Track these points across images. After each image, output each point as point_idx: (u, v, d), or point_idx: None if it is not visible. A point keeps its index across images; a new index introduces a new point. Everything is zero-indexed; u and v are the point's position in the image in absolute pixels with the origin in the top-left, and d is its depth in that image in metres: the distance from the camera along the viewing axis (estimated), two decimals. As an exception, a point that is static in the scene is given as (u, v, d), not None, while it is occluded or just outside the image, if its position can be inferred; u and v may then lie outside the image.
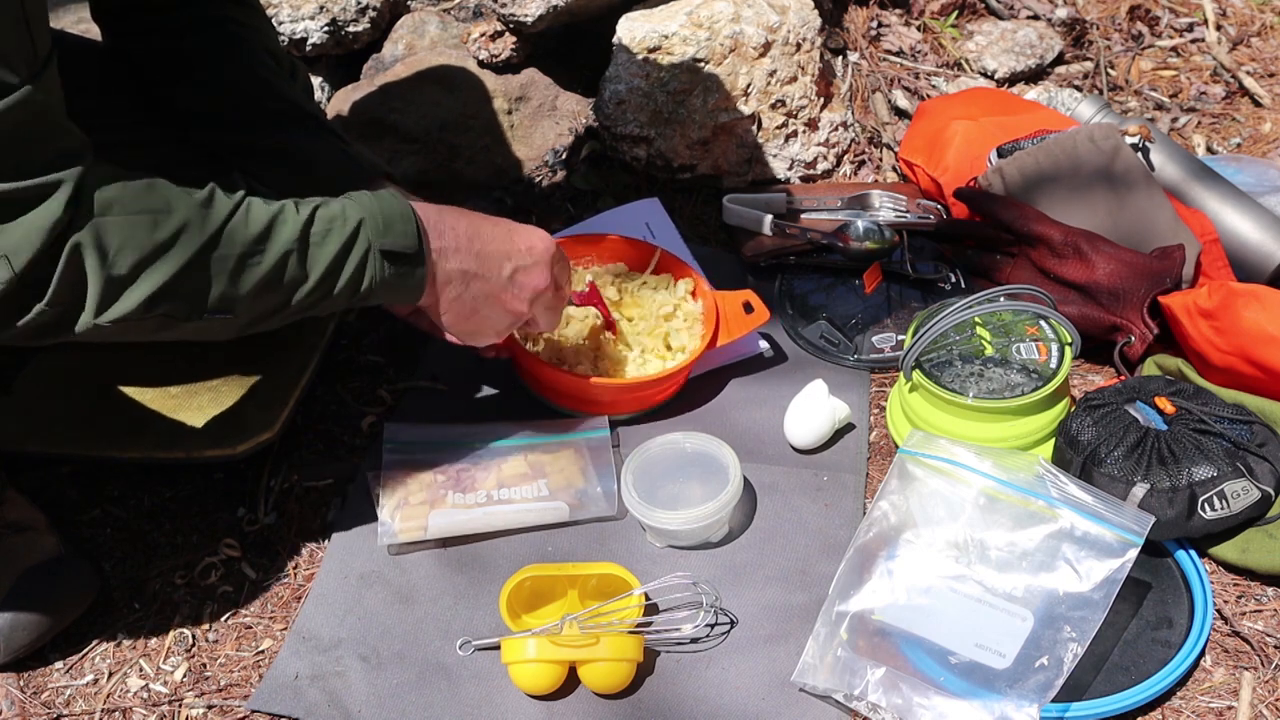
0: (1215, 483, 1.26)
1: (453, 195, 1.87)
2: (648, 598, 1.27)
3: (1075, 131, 1.64)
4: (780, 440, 1.47)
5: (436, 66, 1.88)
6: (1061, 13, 2.17)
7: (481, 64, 1.90)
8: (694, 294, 1.56)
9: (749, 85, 1.83)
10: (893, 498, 1.27)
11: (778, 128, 1.87)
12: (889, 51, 2.09)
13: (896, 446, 1.45)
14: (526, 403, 1.52)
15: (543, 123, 1.91)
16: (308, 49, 1.89)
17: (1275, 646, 1.24)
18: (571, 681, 1.21)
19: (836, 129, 1.92)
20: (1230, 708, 1.19)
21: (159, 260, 1.02)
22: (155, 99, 1.39)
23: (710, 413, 1.52)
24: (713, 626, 1.26)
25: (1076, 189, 1.61)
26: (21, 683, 1.24)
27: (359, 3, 1.89)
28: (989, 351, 1.45)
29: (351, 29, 1.90)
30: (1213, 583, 1.30)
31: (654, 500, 1.33)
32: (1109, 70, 2.11)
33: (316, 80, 1.92)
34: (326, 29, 1.88)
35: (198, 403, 1.43)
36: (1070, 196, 1.60)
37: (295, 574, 1.35)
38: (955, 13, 2.16)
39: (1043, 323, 1.47)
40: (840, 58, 2.04)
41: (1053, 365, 1.42)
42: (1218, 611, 1.27)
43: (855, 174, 1.93)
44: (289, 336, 1.48)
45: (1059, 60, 2.11)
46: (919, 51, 2.10)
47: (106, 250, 0.99)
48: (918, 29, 2.14)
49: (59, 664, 1.26)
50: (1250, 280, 1.58)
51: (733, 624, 1.27)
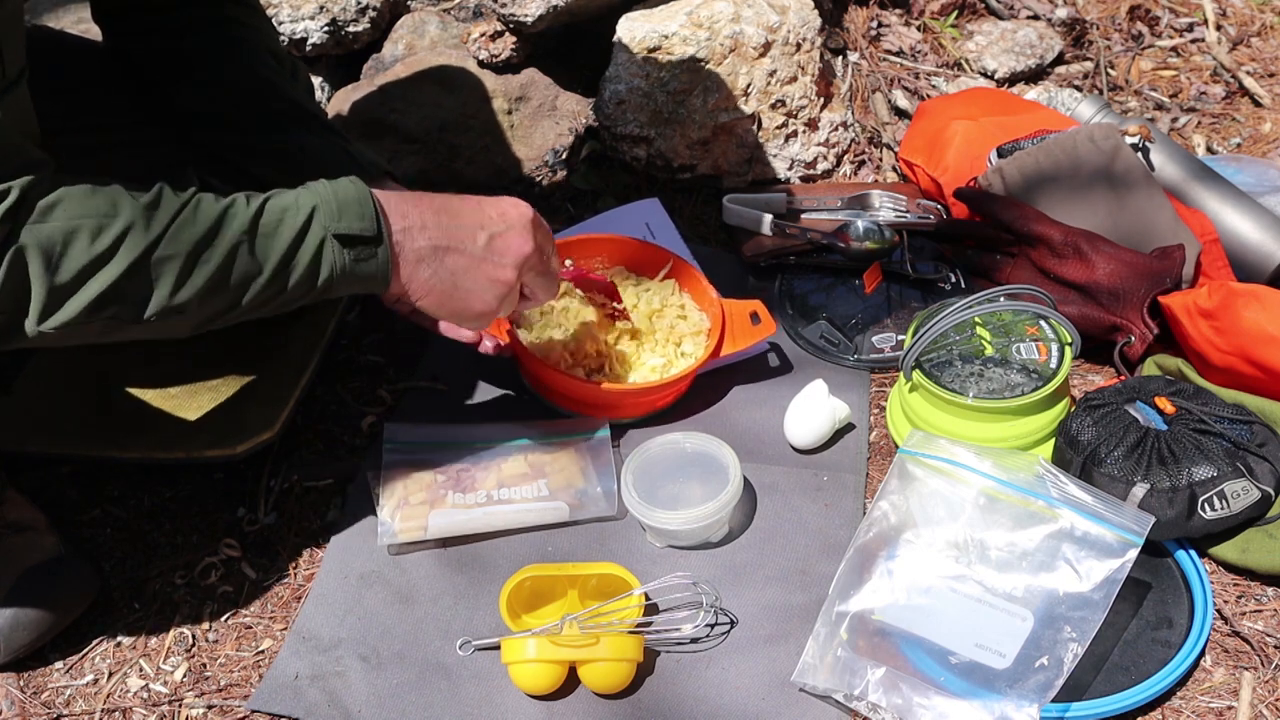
0: (1215, 483, 1.26)
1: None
2: (648, 598, 1.27)
3: (1075, 131, 1.64)
4: (780, 440, 1.47)
5: (436, 66, 1.88)
6: (1061, 13, 2.17)
7: (481, 64, 1.90)
8: (699, 303, 1.56)
9: (749, 85, 1.83)
10: (893, 498, 1.27)
11: (778, 128, 1.87)
12: (889, 51, 2.09)
13: (896, 446, 1.45)
14: (526, 403, 1.52)
15: (543, 123, 1.91)
16: (308, 49, 1.89)
17: (1275, 646, 1.24)
18: (571, 681, 1.21)
19: (836, 129, 1.92)
20: (1230, 708, 1.19)
21: (102, 265, 0.99)
22: (156, 99, 1.39)
23: (710, 413, 1.52)
24: (713, 626, 1.26)
25: (1076, 189, 1.60)
26: (21, 683, 1.24)
27: (359, 3, 1.89)
28: (989, 351, 1.45)
29: (351, 29, 1.90)
30: (1213, 583, 1.30)
31: (654, 500, 1.33)
32: (1109, 70, 2.11)
33: (316, 80, 1.92)
34: (326, 29, 1.88)
35: (198, 403, 1.43)
36: (1070, 196, 1.60)
37: (295, 574, 1.35)
38: (955, 13, 2.16)
39: (1043, 323, 1.47)
40: (840, 58, 2.04)
41: (1053, 365, 1.42)
42: (1218, 611, 1.27)
43: (855, 174, 1.93)
44: (289, 337, 1.48)
45: (1059, 60, 2.11)
46: (919, 51, 2.10)
47: (50, 256, 0.97)
48: (918, 29, 2.14)
49: (59, 664, 1.26)
50: (1250, 280, 1.58)
51: (733, 624, 1.27)
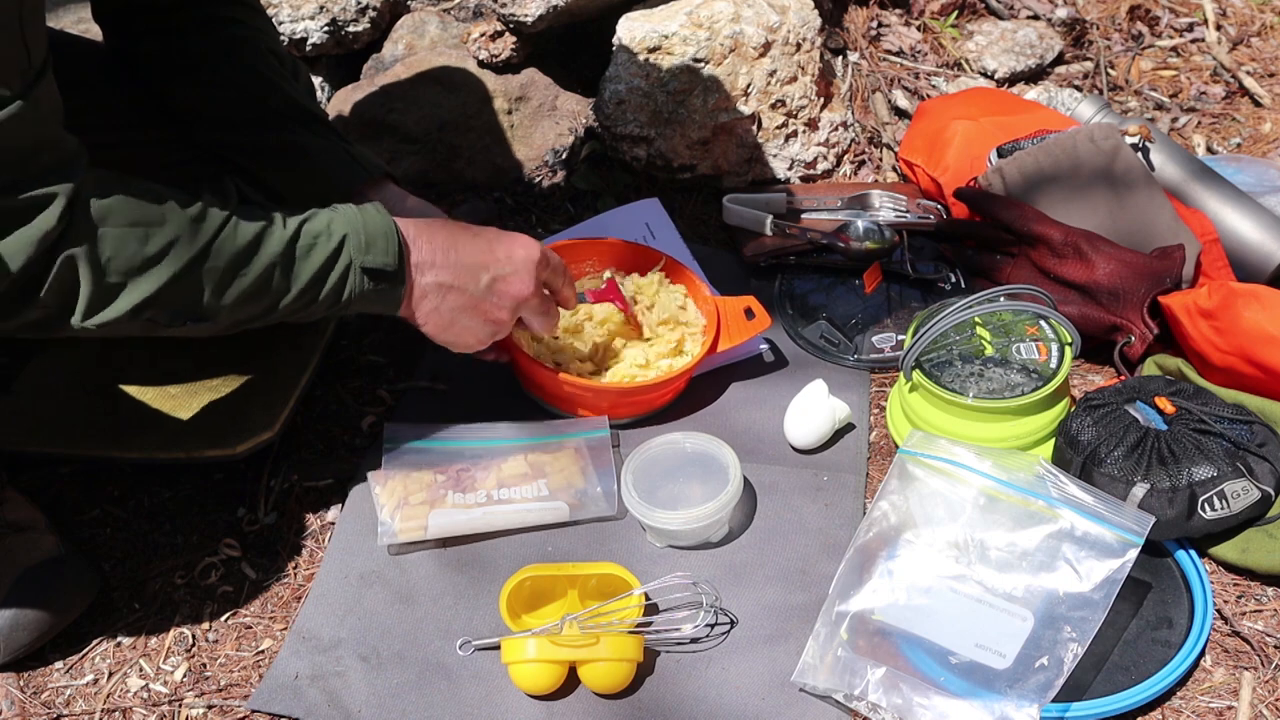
0: (1215, 483, 1.26)
1: (453, 195, 1.87)
2: (648, 598, 1.27)
3: (1075, 131, 1.64)
4: (780, 440, 1.47)
5: (436, 66, 1.88)
6: (1061, 13, 2.17)
7: (481, 64, 1.90)
8: (693, 301, 1.56)
9: (749, 85, 1.83)
10: (893, 498, 1.27)
11: (778, 128, 1.87)
12: (889, 51, 2.09)
13: (896, 446, 1.45)
14: (526, 403, 1.52)
15: (543, 123, 1.91)
16: (308, 49, 1.89)
17: (1275, 646, 1.24)
18: (571, 681, 1.21)
19: (836, 129, 1.92)
20: (1230, 708, 1.19)
21: (148, 271, 1.05)
22: (157, 99, 1.39)
23: (710, 413, 1.52)
24: (713, 626, 1.26)
25: (1076, 189, 1.60)
26: (21, 683, 1.24)
27: (359, 3, 1.89)
28: (989, 351, 1.45)
29: (351, 29, 1.91)
30: (1213, 583, 1.30)
31: (654, 500, 1.33)
32: (1109, 70, 2.11)
33: (316, 80, 1.92)
34: (326, 29, 1.88)
35: (198, 402, 1.43)
36: (1070, 196, 1.60)
37: (295, 574, 1.35)
38: (955, 13, 2.16)
39: (1043, 323, 1.47)
40: (840, 58, 2.04)
41: (1053, 365, 1.42)
42: (1218, 611, 1.27)
43: (855, 174, 1.93)
44: (289, 336, 1.48)
45: (1059, 60, 2.11)
46: (919, 51, 2.10)
47: (99, 260, 1.02)
48: (918, 29, 2.14)
49: (59, 664, 1.26)
50: (1250, 280, 1.58)
51: (733, 624, 1.27)
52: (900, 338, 1.59)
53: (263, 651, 1.27)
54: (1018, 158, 1.64)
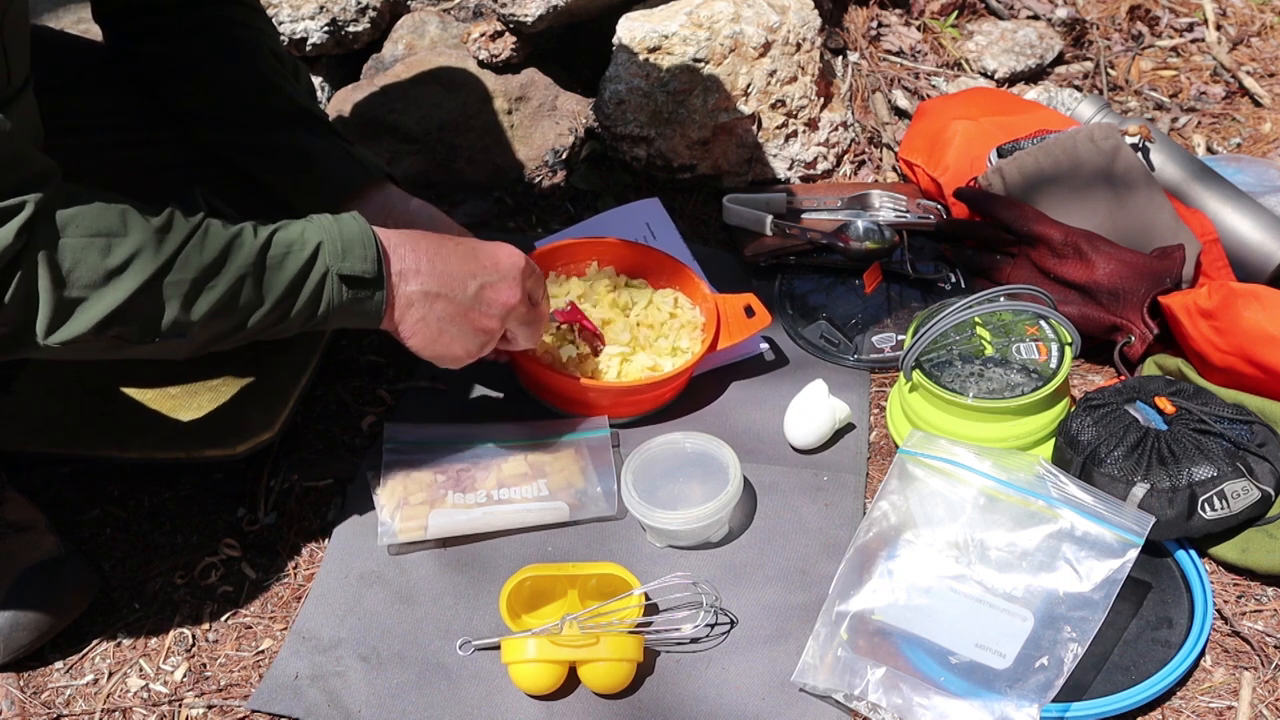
0: (1215, 483, 1.26)
1: (453, 195, 1.87)
2: (648, 598, 1.27)
3: (1075, 131, 1.64)
4: (780, 440, 1.47)
5: (436, 66, 1.88)
6: (1061, 13, 2.17)
7: (481, 64, 1.90)
8: (692, 299, 1.56)
9: (749, 85, 1.83)
10: (893, 498, 1.27)
11: (778, 128, 1.87)
12: (889, 51, 2.09)
13: (896, 446, 1.45)
14: (526, 403, 1.52)
15: (543, 123, 1.91)
16: (308, 49, 1.89)
17: (1275, 646, 1.24)
18: (571, 681, 1.21)
19: (836, 129, 1.92)
20: (1230, 708, 1.19)
21: (110, 284, 1.01)
22: (158, 99, 1.39)
23: (710, 413, 1.52)
24: (713, 626, 1.26)
25: (1076, 189, 1.60)
26: (21, 683, 1.24)
27: (359, 3, 1.89)
28: (989, 351, 1.45)
29: (351, 29, 1.90)
30: (1213, 583, 1.30)
31: (654, 500, 1.33)
32: (1109, 70, 2.11)
33: (316, 80, 1.92)
34: (326, 29, 1.88)
35: (198, 403, 1.43)
36: (1070, 196, 1.60)
37: (295, 574, 1.35)
38: (955, 13, 2.16)
39: (1043, 323, 1.47)
40: (840, 58, 2.04)
41: (1053, 365, 1.42)
42: (1218, 611, 1.27)
43: (855, 174, 1.93)
44: (289, 337, 1.48)
45: (1059, 60, 2.11)
46: (919, 51, 2.10)
47: (59, 272, 0.98)
48: (918, 29, 2.14)
49: (59, 664, 1.26)
50: (1250, 280, 1.58)
51: (733, 624, 1.27)
52: (900, 338, 1.59)
53: (263, 651, 1.27)
54: (1018, 158, 1.64)
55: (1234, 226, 1.62)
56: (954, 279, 1.68)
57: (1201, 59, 2.15)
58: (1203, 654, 1.23)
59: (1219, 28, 2.21)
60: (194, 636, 1.29)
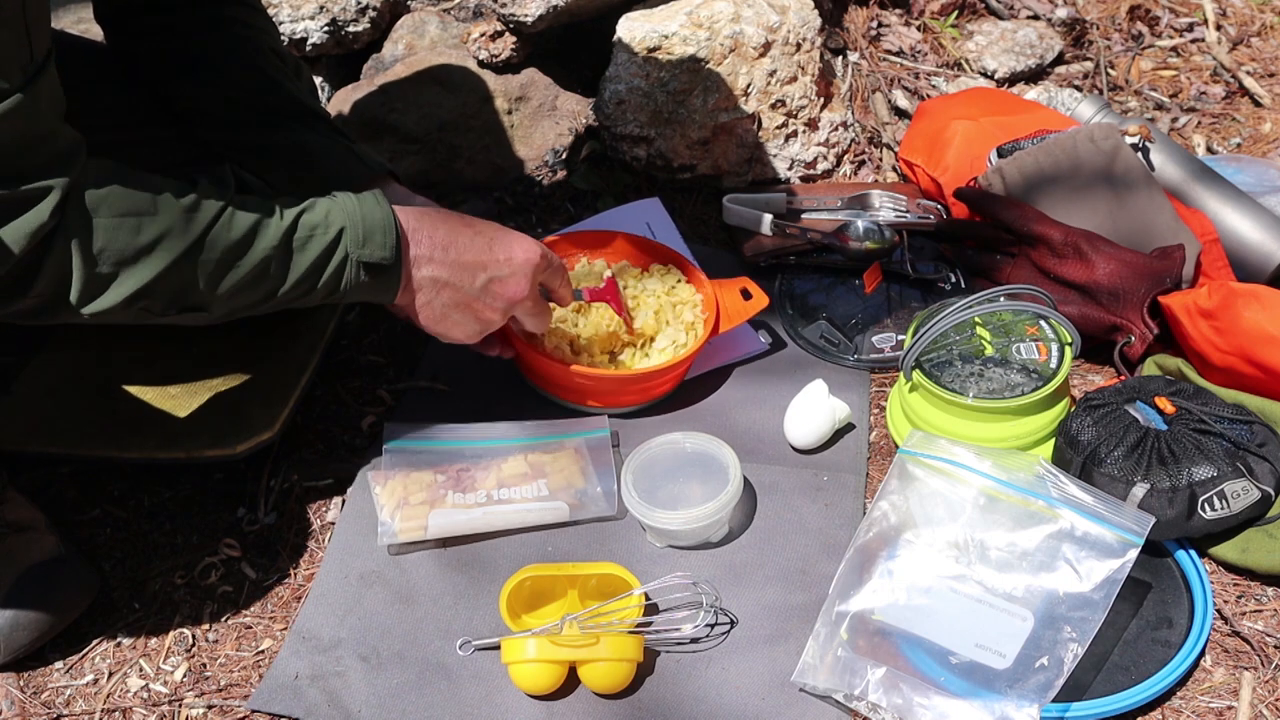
0: (1215, 483, 1.26)
1: (453, 195, 1.87)
2: (648, 598, 1.27)
3: (1075, 131, 1.64)
4: (780, 440, 1.47)
5: (436, 66, 1.88)
6: (1061, 13, 2.17)
7: (481, 64, 1.90)
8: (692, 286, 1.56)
9: (749, 85, 1.83)
10: (893, 498, 1.27)
11: (778, 128, 1.87)
12: (889, 51, 2.09)
13: (896, 446, 1.45)
14: (526, 403, 1.51)
15: (543, 123, 1.91)
16: (308, 49, 1.89)
17: (1275, 646, 1.24)
18: (571, 681, 1.21)
19: (836, 129, 1.92)
20: (1230, 708, 1.19)
21: (140, 262, 1.05)
22: (159, 98, 1.39)
23: (710, 412, 1.52)
24: (713, 626, 1.26)
25: (1076, 189, 1.60)
26: (21, 683, 1.24)
27: (359, 3, 1.89)
28: (989, 351, 1.45)
29: (351, 29, 1.90)
30: (1213, 583, 1.30)
31: (654, 500, 1.33)
32: (1109, 70, 2.11)
33: (317, 80, 1.92)
34: (326, 29, 1.88)
35: (198, 402, 1.43)
36: (1070, 196, 1.60)
37: (295, 574, 1.35)
38: (955, 13, 2.16)
39: (1043, 323, 1.47)
40: (840, 58, 2.04)
41: (1053, 365, 1.42)
42: (1218, 611, 1.27)
43: (855, 174, 1.93)
44: (289, 336, 1.48)
45: (1059, 60, 2.11)
46: (919, 51, 2.10)
47: (90, 250, 1.02)
48: (918, 29, 2.14)
49: (59, 664, 1.26)
50: (1250, 280, 1.58)
51: (733, 624, 1.27)
52: (900, 338, 1.59)
53: (263, 651, 1.27)
54: (1018, 158, 1.64)
55: (1234, 226, 1.62)
56: (954, 279, 1.68)
57: (1201, 59, 2.15)
58: (1203, 654, 1.23)
59: (1219, 28, 2.21)
60: (194, 636, 1.29)
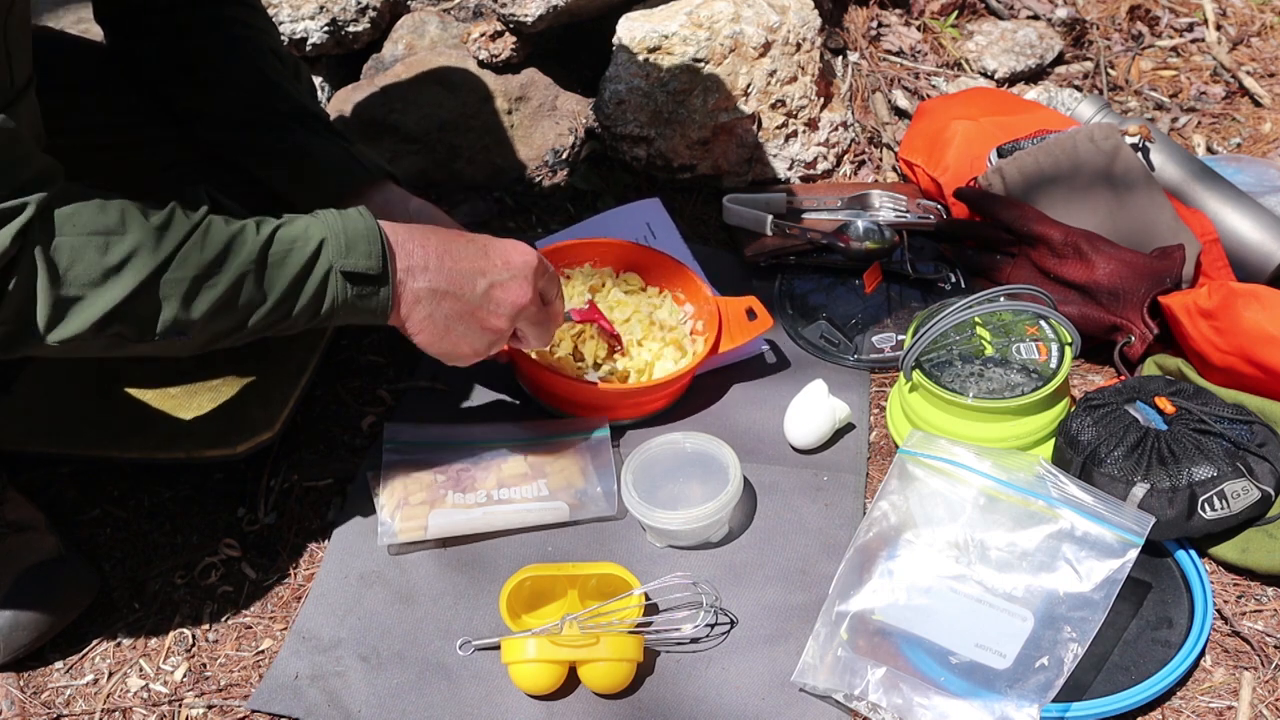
0: (1215, 483, 1.26)
1: (453, 195, 1.87)
2: (648, 598, 1.27)
3: (1075, 131, 1.64)
4: (780, 440, 1.47)
5: (436, 67, 1.89)
6: (1061, 13, 2.17)
7: (481, 64, 1.90)
8: (693, 301, 1.56)
9: (749, 85, 1.83)
10: (893, 498, 1.27)
11: (778, 128, 1.87)
12: (889, 51, 2.09)
13: (896, 446, 1.45)
14: (526, 403, 1.52)
15: (543, 123, 1.92)
16: (308, 49, 1.89)
17: (1275, 646, 1.24)
18: (571, 681, 1.21)
19: (836, 129, 1.92)
20: (1230, 708, 1.19)
21: (108, 282, 0.99)
22: (158, 99, 1.39)
23: (710, 413, 1.52)
24: (713, 626, 1.26)
25: (1076, 189, 1.61)
26: (21, 683, 1.24)
27: (359, 3, 1.89)
28: (989, 351, 1.45)
29: (351, 29, 1.91)
30: (1213, 583, 1.30)
31: (654, 500, 1.33)
32: (1109, 70, 2.11)
33: (316, 80, 1.92)
34: (326, 29, 1.88)
35: (198, 402, 1.43)
36: (1070, 196, 1.60)
37: (295, 574, 1.35)
38: (955, 13, 2.16)
39: (1043, 323, 1.47)
40: (840, 58, 2.04)
41: (1053, 365, 1.42)
42: (1218, 611, 1.27)
43: (855, 174, 1.93)
44: (289, 337, 1.48)
45: (1059, 60, 2.11)
46: (919, 51, 2.10)
47: (56, 271, 0.97)
48: (918, 29, 2.14)
49: (59, 664, 1.26)
50: (1250, 280, 1.58)
51: (733, 624, 1.27)
52: (900, 338, 1.59)
53: (263, 651, 1.27)
54: (1018, 158, 1.64)
55: (1234, 226, 1.62)
56: (954, 279, 1.68)
57: (1201, 59, 2.15)
58: (1203, 654, 1.23)
59: (1219, 28, 2.21)
60: (194, 636, 1.29)
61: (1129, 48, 2.16)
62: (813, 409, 1.44)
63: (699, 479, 1.36)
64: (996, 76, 2.06)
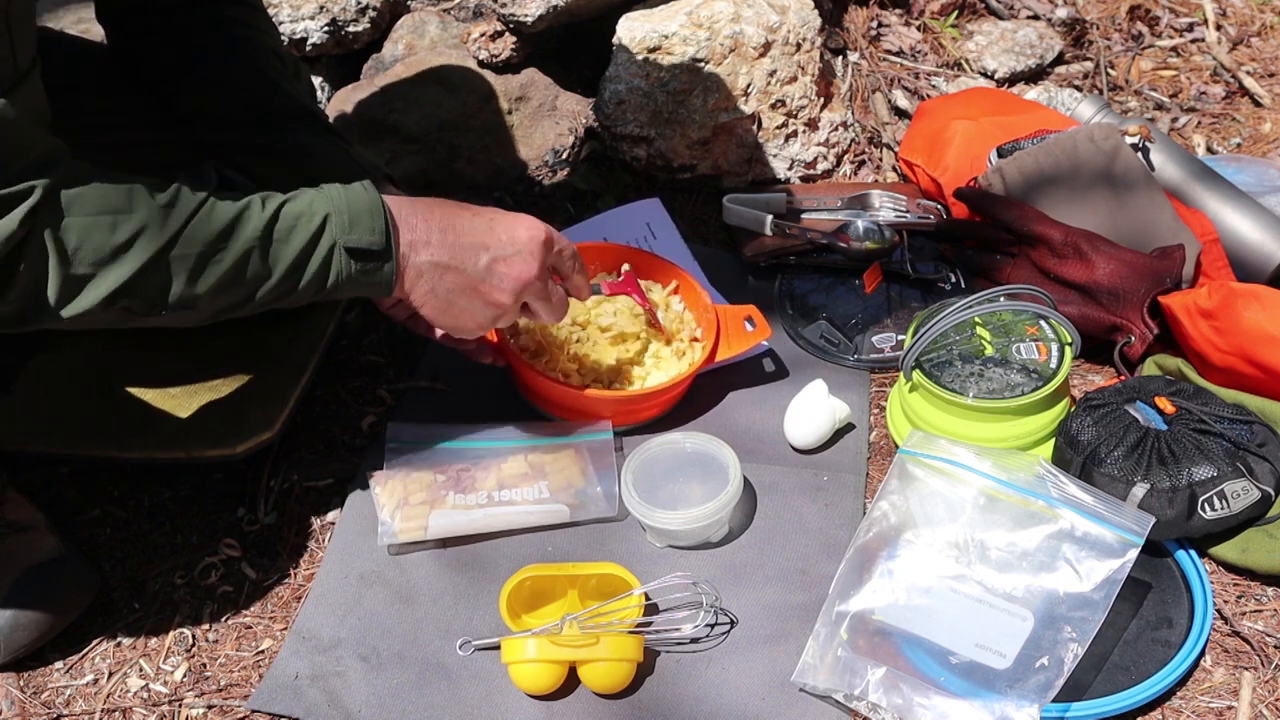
0: (1215, 483, 1.26)
1: (453, 195, 1.85)
2: (648, 598, 1.27)
3: (1075, 131, 1.64)
4: (780, 440, 1.47)
5: (436, 66, 1.88)
6: (1061, 13, 2.17)
7: (481, 64, 1.90)
8: (693, 309, 1.55)
9: (749, 85, 1.83)
10: (893, 498, 1.27)
11: (778, 128, 1.87)
12: (889, 51, 2.09)
13: (896, 446, 1.45)
14: (527, 404, 1.51)
15: (543, 123, 1.91)
16: (308, 49, 1.89)
17: (1275, 646, 1.24)
18: (571, 681, 1.21)
19: (836, 129, 1.92)
20: (1230, 708, 1.19)
21: (117, 260, 1.02)
22: (158, 99, 1.39)
23: (710, 413, 1.52)
24: (713, 626, 1.26)
25: (1076, 189, 1.61)
26: (21, 683, 1.24)
27: (359, 3, 1.89)
28: (989, 351, 1.45)
29: (351, 29, 1.90)
30: (1213, 583, 1.30)
31: (654, 500, 1.33)
32: (1109, 70, 2.11)
33: (316, 80, 1.92)
34: (326, 29, 1.88)
35: (198, 402, 1.43)
36: (1070, 196, 1.60)
37: (295, 574, 1.35)
38: (955, 13, 2.16)
39: (1043, 323, 1.47)
40: (840, 58, 2.04)
41: (1053, 365, 1.42)
42: (1218, 611, 1.27)
43: (855, 174, 1.93)
44: (289, 337, 1.48)
45: (1059, 60, 2.11)
46: (919, 51, 2.10)
47: (65, 251, 1.00)
48: (918, 29, 2.14)
49: (59, 664, 1.26)
50: (1250, 280, 1.58)
51: (733, 624, 1.27)
52: (900, 338, 1.59)
53: (263, 651, 1.27)
54: (1018, 158, 1.64)
55: (1234, 226, 1.62)
56: (954, 279, 1.68)
57: (1201, 59, 2.15)
58: (1203, 654, 1.23)
59: (1219, 28, 2.21)
60: (194, 636, 1.29)
61: (1129, 48, 2.16)
62: (813, 409, 1.44)
63: (699, 479, 1.36)
64: (996, 76, 2.06)
